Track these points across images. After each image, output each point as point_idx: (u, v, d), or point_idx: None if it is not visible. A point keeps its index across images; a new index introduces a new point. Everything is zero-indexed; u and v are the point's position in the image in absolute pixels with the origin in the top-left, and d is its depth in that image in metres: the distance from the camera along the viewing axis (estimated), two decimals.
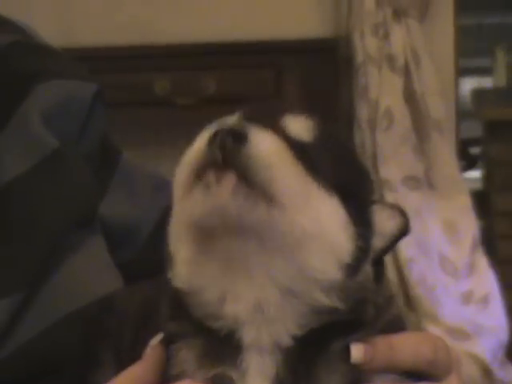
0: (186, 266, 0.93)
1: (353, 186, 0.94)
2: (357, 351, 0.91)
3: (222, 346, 0.91)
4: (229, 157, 0.86)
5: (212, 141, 0.86)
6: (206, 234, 0.89)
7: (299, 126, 0.93)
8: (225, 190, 0.86)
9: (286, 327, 0.90)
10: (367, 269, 0.92)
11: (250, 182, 0.86)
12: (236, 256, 0.89)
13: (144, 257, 1.26)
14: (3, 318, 1.07)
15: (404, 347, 0.93)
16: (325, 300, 0.90)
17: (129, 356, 1.03)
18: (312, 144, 0.92)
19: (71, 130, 1.22)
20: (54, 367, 1.08)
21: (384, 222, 0.94)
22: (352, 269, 0.90)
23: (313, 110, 2.33)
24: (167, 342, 0.95)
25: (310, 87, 3.35)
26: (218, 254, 0.90)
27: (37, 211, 1.15)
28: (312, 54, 3.40)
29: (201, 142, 0.89)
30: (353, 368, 0.91)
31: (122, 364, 1.03)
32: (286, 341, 0.89)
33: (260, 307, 0.90)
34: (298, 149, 0.90)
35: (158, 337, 0.96)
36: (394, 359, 0.92)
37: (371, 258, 0.93)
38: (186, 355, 0.93)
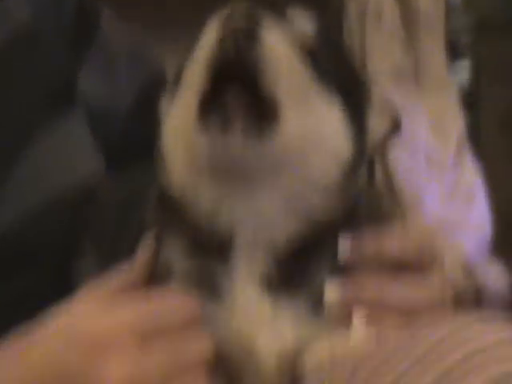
0: (183, 175, 0.95)
1: (351, 87, 0.96)
2: (344, 245, 0.94)
3: (212, 240, 0.94)
4: (241, 57, 0.89)
5: (225, 37, 0.88)
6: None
7: (304, 20, 0.95)
8: (234, 134, 0.89)
9: (283, 230, 0.92)
10: (363, 168, 0.95)
11: (258, 85, 0.89)
12: (238, 169, 0.91)
13: (122, 134, 1.27)
14: None
15: (390, 240, 0.96)
16: (325, 201, 0.93)
17: (111, 245, 1.08)
18: (316, 41, 0.95)
19: (45, 1, 1.21)
20: (35, 254, 1.09)
21: (376, 119, 0.96)
22: (350, 169, 0.93)
23: (304, 6, 2.15)
24: (155, 231, 0.98)
25: None
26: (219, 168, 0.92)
27: (7, 86, 1.13)
28: None
29: (213, 35, 0.90)
30: (341, 262, 0.94)
31: (102, 255, 1.08)
32: (282, 243, 0.91)
33: (259, 213, 0.92)
34: (304, 47, 0.93)
35: (150, 234, 0.98)
36: (381, 251, 0.95)
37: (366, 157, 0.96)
38: (174, 244, 0.96)
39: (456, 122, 3.40)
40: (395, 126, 1.00)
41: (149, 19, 3.04)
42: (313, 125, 0.94)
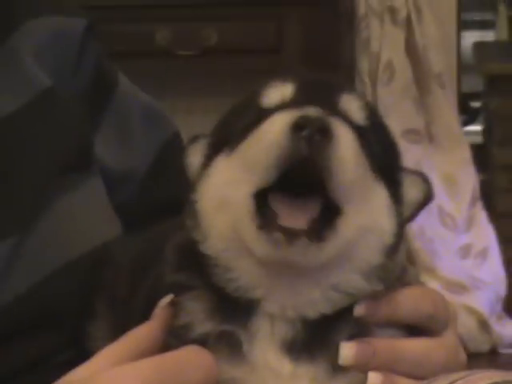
0: (222, 243, 0.90)
1: (393, 166, 0.93)
2: (359, 307, 0.88)
3: (234, 304, 0.89)
4: (315, 151, 0.83)
5: (296, 131, 0.84)
6: None
7: (356, 107, 0.90)
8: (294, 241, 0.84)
9: (317, 309, 0.87)
10: (403, 246, 0.91)
11: (328, 180, 0.85)
12: (289, 264, 0.87)
13: (139, 197, 1.23)
14: None
15: (405, 302, 0.91)
16: (366, 285, 0.88)
17: (123, 308, 1.03)
18: (367, 128, 0.90)
19: (63, 66, 1.19)
20: (52, 317, 1.05)
21: (410, 190, 0.91)
22: (393, 249, 0.89)
23: (313, 64, 2.64)
24: (174, 293, 0.93)
25: (310, 40, 3.33)
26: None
27: (28, 149, 1.11)
28: (312, 7, 3.36)
29: (279, 130, 0.86)
30: (357, 323, 0.89)
31: (116, 316, 1.03)
32: (312, 316, 0.87)
33: (296, 294, 0.89)
34: (361, 137, 0.89)
35: (168, 297, 0.93)
36: (395, 313, 0.90)
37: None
38: (194, 308, 0.91)
39: (469, 180, 3.45)
40: (428, 198, 0.92)
41: (160, 74, 3.08)
42: (368, 217, 0.90)
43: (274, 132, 0.85)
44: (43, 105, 1.12)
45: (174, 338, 0.90)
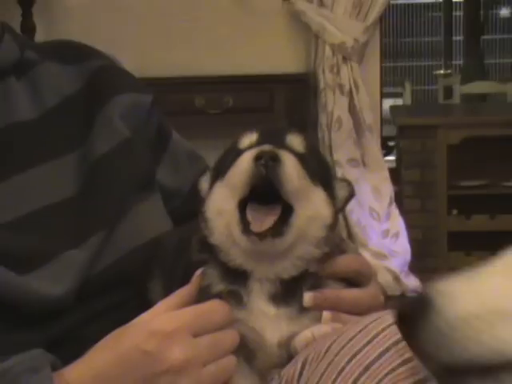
0: (221, 238, 0.99)
1: (326, 176, 1.01)
2: (313, 266, 0.98)
3: (236, 273, 0.99)
4: (270, 172, 0.93)
5: (257, 160, 0.93)
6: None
7: (297, 142, 1.00)
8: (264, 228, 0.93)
9: (287, 273, 0.96)
10: (338, 225, 0.99)
11: (281, 189, 0.92)
12: (263, 251, 0.95)
13: (183, 207, 1.30)
14: (95, 249, 1.13)
15: (341, 263, 1.01)
16: (317, 252, 0.96)
17: (170, 273, 1.12)
18: (305, 154, 0.99)
19: (138, 124, 1.27)
20: (127, 279, 1.15)
21: (340, 191, 1.00)
22: (332, 226, 0.97)
23: (294, 119, 3.19)
24: (199, 267, 1.02)
25: (291, 104, 3.71)
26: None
27: (115, 175, 1.19)
28: (292, 83, 3.76)
29: (246, 161, 0.94)
30: (314, 279, 0.98)
31: (165, 277, 1.13)
32: (286, 277, 0.96)
33: (273, 267, 0.96)
34: (301, 160, 0.97)
35: (200, 270, 1.02)
36: (335, 270, 1.00)
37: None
38: (212, 275, 1.01)
39: (388, 190, 3.76)
40: (351, 195, 1.01)
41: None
42: (312, 210, 0.95)
43: (244, 163, 0.94)
44: (124, 148, 1.22)
45: (201, 293, 1.00)
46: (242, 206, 0.96)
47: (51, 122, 1.21)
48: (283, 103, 3.71)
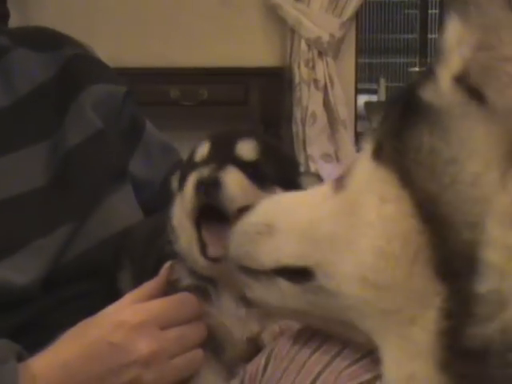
0: (185, 249, 1.01)
1: (288, 175, 1.00)
2: None
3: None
4: (212, 200, 0.94)
5: (198, 187, 0.94)
6: None
7: (248, 149, 0.99)
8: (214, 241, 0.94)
9: None
10: None
11: (226, 211, 0.93)
12: None
13: (155, 198, 1.31)
14: (64, 238, 1.14)
15: None
16: None
17: (140, 263, 1.12)
18: (258, 160, 0.99)
19: (111, 115, 1.28)
20: (99, 268, 1.15)
21: (308, 186, 0.98)
22: None
23: (268, 113, 3.21)
24: (170, 259, 1.02)
25: (265, 98, 3.70)
26: None
27: (87, 167, 1.20)
28: (267, 77, 3.75)
29: (189, 190, 0.96)
30: None
31: (134, 267, 1.13)
32: None
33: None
34: (251, 169, 0.97)
35: (168, 263, 1.03)
36: None
37: None
38: (181, 269, 1.02)
39: None
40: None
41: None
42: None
43: (187, 191, 0.96)
44: (97, 139, 1.22)
45: (170, 287, 1.01)
46: (199, 223, 0.96)
47: (23, 109, 1.20)
48: (258, 97, 3.71)
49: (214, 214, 0.95)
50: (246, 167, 0.97)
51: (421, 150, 0.66)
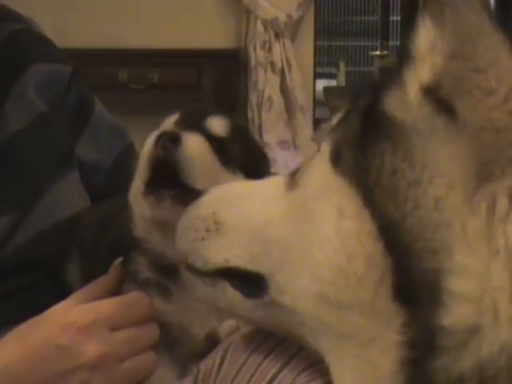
0: (144, 228, 0.99)
1: (255, 164, 1.00)
2: None
3: (165, 265, 0.98)
4: (168, 154, 0.92)
5: (157, 142, 0.93)
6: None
7: (218, 125, 0.99)
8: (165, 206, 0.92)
9: None
10: None
11: (181, 175, 0.91)
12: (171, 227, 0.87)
13: (104, 183, 1.31)
14: (5, 228, 1.14)
15: None
16: None
17: (91, 253, 1.10)
18: (227, 138, 0.98)
19: (56, 96, 1.27)
20: (44, 260, 1.14)
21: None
22: None
23: (222, 97, 3.09)
24: (131, 249, 1.01)
25: (220, 82, 3.68)
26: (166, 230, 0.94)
27: (31, 154, 1.19)
28: (222, 59, 3.74)
29: (150, 141, 0.95)
30: None
31: (84, 258, 1.11)
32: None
33: None
34: (217, 144, 0.96)
35: (118, 260, 1.02)
36: None
37: None
38: (140, 261, 1.01)
39: None
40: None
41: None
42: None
43: (146, 145, 0.95)
44: (40, 123, 1.21)
45: (129, 278, 1.00)
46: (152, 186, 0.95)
47: None
48: (212, 80, 3.70)
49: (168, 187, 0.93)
50: (212, 141, 0.95)
51: (382, 170, 0.62)
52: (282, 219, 0.70)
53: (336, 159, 0.67)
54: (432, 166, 0.62)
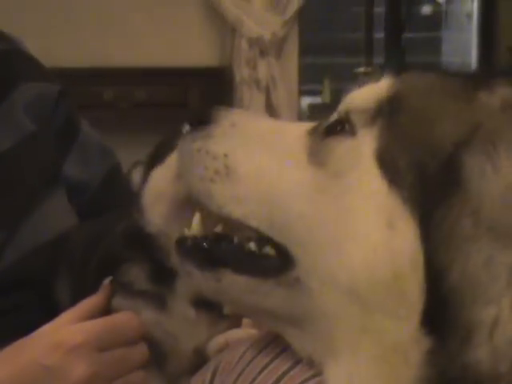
0: (161, 221, 0.99)
1: None
2: None
3: (164, 272, 0.98)
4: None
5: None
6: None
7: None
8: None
9: None
10: None
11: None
12: None
13: (91, 202, 1.31)
14: None
15: None
16: None
17: (80, 271, 1.10)
18: None
19: (44, 116, 1.26)
20: (32, 278, 1.14)
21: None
22: None
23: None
24: (124, 262, 1.01)
25: (206, 99, 3.65)
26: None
27: (18, 174, 1.19)
28: (207, 77, 3.75)
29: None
30: None
31: (73, 276, 1.11)
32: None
33: None
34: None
35: (108, 279, 1.02)
36: None
37: None
38: (136, 273, 1.01)
39: None
40: None
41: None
42: None
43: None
44: (29, 143, 1.20)
45: (121, 291, 1.00)
46: None
47: None
48: (198, 98, 3.71)
49: None
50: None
51: (448, 216, 0.62)
52: (305, 194, 0.68)
53: (387, 165, 0.66)
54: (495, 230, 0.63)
